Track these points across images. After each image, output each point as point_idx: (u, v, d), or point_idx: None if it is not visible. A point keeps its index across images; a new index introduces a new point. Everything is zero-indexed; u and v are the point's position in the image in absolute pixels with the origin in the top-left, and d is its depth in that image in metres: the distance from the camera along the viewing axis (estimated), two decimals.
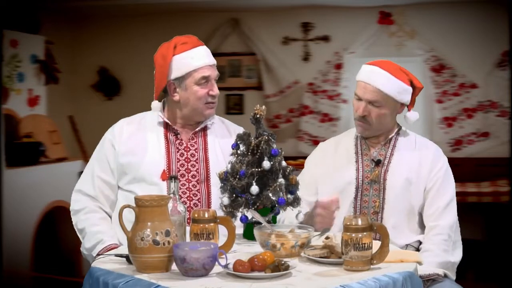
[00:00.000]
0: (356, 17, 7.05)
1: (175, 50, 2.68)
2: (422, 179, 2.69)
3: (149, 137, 2.71)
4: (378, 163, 2.73)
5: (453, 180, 2.75)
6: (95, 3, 6.84)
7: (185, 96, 2.69)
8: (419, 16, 6.90)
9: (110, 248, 2.50)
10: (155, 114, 2.76)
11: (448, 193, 2.69)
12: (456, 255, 2.63)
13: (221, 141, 2.75)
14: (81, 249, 2.67)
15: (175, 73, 2.67)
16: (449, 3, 6.79)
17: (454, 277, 2.61)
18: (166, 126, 2.74)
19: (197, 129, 2.74)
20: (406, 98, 2.73)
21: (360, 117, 2.72)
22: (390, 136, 2.77)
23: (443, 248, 2.58)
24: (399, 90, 2.69)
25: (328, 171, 2.78)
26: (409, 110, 2.81)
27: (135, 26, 7.53)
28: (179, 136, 2.72)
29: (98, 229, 2.61)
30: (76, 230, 2.70)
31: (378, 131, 2.75)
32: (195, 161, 2.69)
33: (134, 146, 2.69)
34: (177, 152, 2.69)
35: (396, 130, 2.79)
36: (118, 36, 7.63)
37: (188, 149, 2.70)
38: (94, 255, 2.53)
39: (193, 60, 2.67)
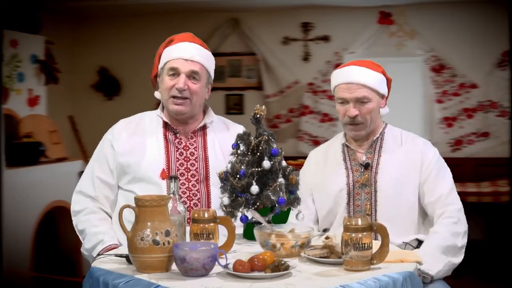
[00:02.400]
0: (356, 17, 7.06)
1: (168, 45, 2.73)
2: (415, 174, 2.68)
3: (148, 136, 2.71)
4: (367, 166, 2.71)
5: (448, 168, 2.74)
6: (95, 3, 6.84)
7: (160, 88, 2.73)
8: (419, 16, 6.90)
9: (110, 248, 2.49)
10: (154, 114, 2.77)
11: (447, 179, 2.69)
12: (462, 241, 2.60)
13: (221, 140, 2.75)
14: (81, 249, 2.67)
15: (160, 66, 2.73)
16: (449, 3, 6.80)
17: (449, 273, 2.58)
18: (165, 126, 2.74)
19: (196, 128, 2.74)
20: (385, 89, 2.74)
21: (351, 119, 2.68)
22: (376, 137, 2.75)
23: (452, 231, 2.55)
24: (380, 81, 2.70)
25: (321, 181, 2.77)
26: (382, 105, 2.76)
27: (135, 26, 7.54)
28: (178, 135, 2.72)
29: (98, 230, 2.61)
30: (76, 231, 2.69)
31: (372, 127, 2.73)
32: (194, 160, 2.69)
33: (134, 146, 2.68)
34: (176, 151, 2.69)
35: (381, 129, 2.77)
36: (118, 36, 7.63)
37: (187, 148, 2.70)
38: (94, 255, 2.53)
39: (171, 52, 2.69)
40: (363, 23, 7.02)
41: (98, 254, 2.48)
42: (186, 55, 2.66)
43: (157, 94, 2.80)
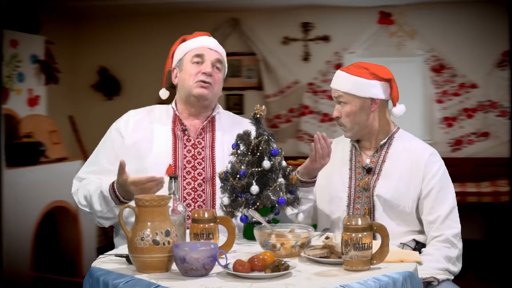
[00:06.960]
0: (356, 17, 7.06)
1: (182, 41, 2.78)
2: (415, 186, 2.62)
3: (156, 130, 2.70)
4: (369, 171, 2.68)
5: (452, 185, 2.66)
6: (95, 3, 6.84)
7: (181, 77, 2.73)
8: (419, 16, 6.91)
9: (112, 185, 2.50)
10: (164, 107, 2.78)
11: (448, 200, 2.60)
12: (457, 266, 2.58)
13: (229, 135, 2.69)
14: (96, 217, 2.61)
15: (177, 58, 2.76)
16: (449, 3, 6.80)
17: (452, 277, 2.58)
18: (175, 121, 2.73)
19: (205, 122, 2.72)
20: (372, 91, 2.66)
21: (337, 121, 2.73)
22: (382, 142, 2.70)
23: (445, 255, 2.52)
24: (355, 84, 2.65)
25: (324, 177, 2.74)
26: (394, 105, 2.73)
27: (135, 26, 7.54)
28: (186, 132, 2.70)
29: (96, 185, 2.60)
30: (81, 201, 2.63)
31: (359, 130, 2.69)
32: (201, 159, 2.67)
33: (141, 137, 2.68)
34: (184, 148, 2.68)
35: (390, 134, 2.72)
36: (118, 36, 7.63)
37: (196, 147, 2.69)
38: (108, 193, 2.51)
39: (191, 43, 2.75)
40: (363, 23, 7.02)
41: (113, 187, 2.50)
42: (210, 44, 2.76)
43: (162, 93, 2.79)
